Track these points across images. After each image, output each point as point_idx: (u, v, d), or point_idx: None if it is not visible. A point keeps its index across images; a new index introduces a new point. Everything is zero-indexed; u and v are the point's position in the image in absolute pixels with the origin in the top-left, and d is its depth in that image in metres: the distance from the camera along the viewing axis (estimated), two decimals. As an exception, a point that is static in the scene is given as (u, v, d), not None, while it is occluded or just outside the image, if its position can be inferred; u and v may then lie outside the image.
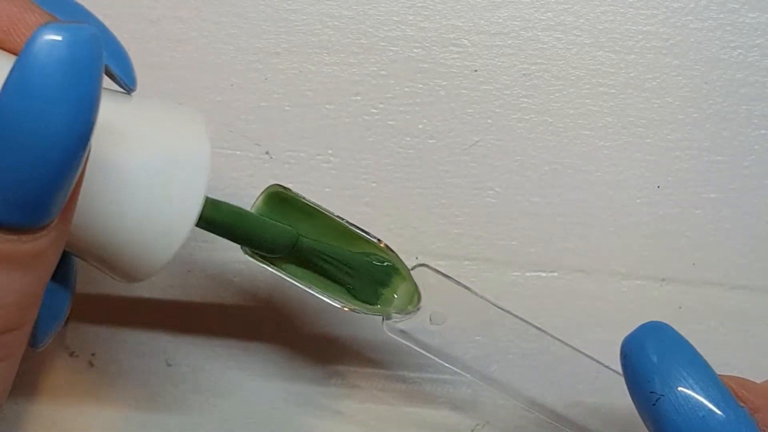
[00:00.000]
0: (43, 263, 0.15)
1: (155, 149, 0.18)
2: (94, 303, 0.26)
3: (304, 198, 0.22)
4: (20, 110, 0.13)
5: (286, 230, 0.22)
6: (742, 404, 0.18)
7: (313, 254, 0.22)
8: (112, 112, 0.17)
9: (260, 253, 0.22)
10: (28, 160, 0.14)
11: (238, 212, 0.21)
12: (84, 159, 0.15)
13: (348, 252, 0.22)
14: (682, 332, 0.19)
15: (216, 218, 0.20)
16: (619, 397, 0.21)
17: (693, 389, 0.18)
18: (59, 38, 0.13)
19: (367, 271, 0.23)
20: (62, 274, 0.20)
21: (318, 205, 0.22)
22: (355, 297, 0.23)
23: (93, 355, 0.26)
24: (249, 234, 0.21)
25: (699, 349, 0.19)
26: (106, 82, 0.18)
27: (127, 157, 0.18)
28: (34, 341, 0.19)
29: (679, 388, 0.18)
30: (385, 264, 0.23)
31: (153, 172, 0.18)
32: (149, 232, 0.18)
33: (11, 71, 0.13)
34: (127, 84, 0.19)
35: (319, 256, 0.22)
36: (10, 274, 0.15)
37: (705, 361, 0.18)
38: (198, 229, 0.22)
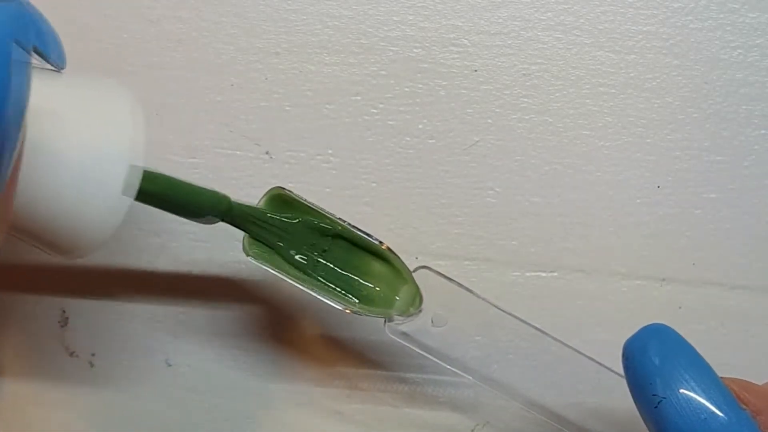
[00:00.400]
0: None
1: (84, 126, 0.19)
2: (95, 303, 0.26)
3: (306, 200, 0.23)
4: None
5: (218, 195, 0.22)
6: (743, 406, 0.18)
7: (245, 218, 0.22)
8: (40, 91, 0.18)
9: (195, 220, 0.22)
10: None
11: (172, 181, 0.21)
12: (17, 140, 0.15)
13: (280, 217, 0.23)
14: (682, 332, 0.20)
15: (151, 189, 0.21)
16: (619, 397, 0.21)
17: (695, 391, 0.18)
18: None
19: (299, 235, 0.23)
20: None
21: (320, 208, 0.23)
22: (287, 259, 0.23)
23: (93, 355, 0.26)
24: (184, 201, 0.21)
25: (699, 349, 0.19)
26: (36, 60, 0.18)
27: (57, 135, 0.18)
28: None
29: (681, 391, 0.18)
30: (322, 227, 0.23)
31: (82, 148, 0.18)
32: (84, 209, 0.19)
33: None
34: (55, 62, 0.19)
35: (251, 221, 0.22)
36: None
37: (707, 363, 0.18)
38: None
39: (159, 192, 0.21)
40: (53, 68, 0.20)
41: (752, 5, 0.27)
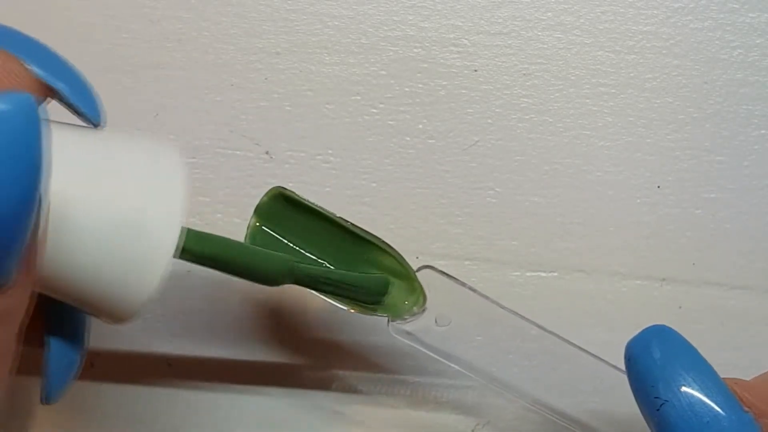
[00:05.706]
0: (9, 320, 0.15)
1: (125, 189, 0.17)
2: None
3: (307, 200, 0.22)
4: None
5: (279, 258, 0.21)
6: (746, 409, 0.17)
7: (311, 280, 0.22)
8: (73, 152, 0.17)
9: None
10: None
11: (225, 243, 0.20)
12: (34, 223, 0.14)
13: (343, 272, 0.22)
14: (682, 332, 0.19)
15: (200, 250, 0.20)
16: (622, 395, 0.21)
17: (697, 394, 0.18)
18: None
19: (364, 287, 0.22)
20: (72, 330, 0.20)
21: (322, 208, 0.22)
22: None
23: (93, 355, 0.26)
24: (239, 264, 0.20)
25: (699, 349, 0.19)
26: (74, 119, 0.17)
27: (94, 201, 0.17)
28: (46, 396, 0.19)
29: (683, 394, 0.18)
30: (381, 276, 0.23)
31: (122, 213, 0.17)
32: (124, 276, 0.17)
33: None
34: (92, 119, 0.18)
35: (317, 280, 0.22)
36: None
37: (709, 365, 0.18)
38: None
39: (208, 253, 0.20)
40: (90, 125, 0.18)
41: (752, 5, 0.27)
